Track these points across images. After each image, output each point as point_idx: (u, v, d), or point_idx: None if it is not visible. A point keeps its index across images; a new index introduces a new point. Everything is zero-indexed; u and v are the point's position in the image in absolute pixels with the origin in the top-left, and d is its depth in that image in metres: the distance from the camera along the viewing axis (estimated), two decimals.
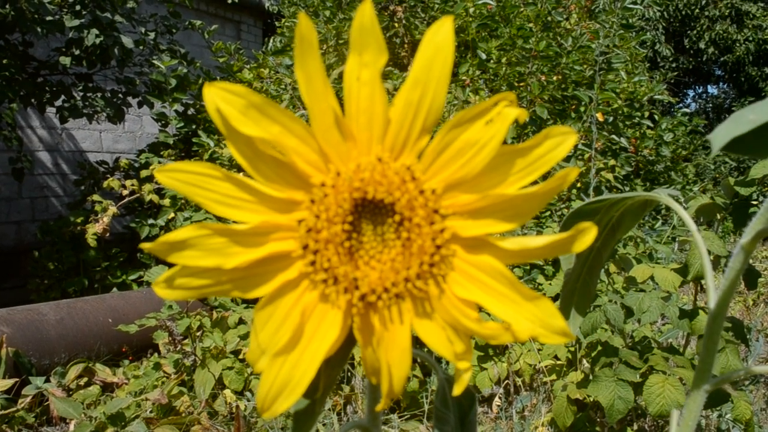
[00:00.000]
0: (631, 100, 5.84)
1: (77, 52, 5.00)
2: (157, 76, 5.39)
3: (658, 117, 6.83)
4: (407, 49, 5.62)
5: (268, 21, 9.73)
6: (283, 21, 6.67)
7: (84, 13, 4.79)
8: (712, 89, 21.05)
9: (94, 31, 4.73)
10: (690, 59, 18.21)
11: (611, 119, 5.44)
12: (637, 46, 6.66)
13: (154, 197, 5.00)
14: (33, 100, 5.11)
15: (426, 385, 3.45)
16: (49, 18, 4.53)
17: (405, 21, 5.56)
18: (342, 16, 5.53)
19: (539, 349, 3.54)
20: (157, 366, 3.66)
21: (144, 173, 5.13)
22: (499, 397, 3.39)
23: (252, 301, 4.25)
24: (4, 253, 6.23)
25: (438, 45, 0.48)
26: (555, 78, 5.09)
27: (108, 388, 3.64)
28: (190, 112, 5.93)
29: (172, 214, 4.98)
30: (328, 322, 0.53)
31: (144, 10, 6.07)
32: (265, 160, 0.51)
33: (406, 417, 3.34)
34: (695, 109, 20.42)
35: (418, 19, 5.67)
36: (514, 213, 0.51)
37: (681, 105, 18.09)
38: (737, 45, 17.03)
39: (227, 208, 0.51)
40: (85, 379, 3.62)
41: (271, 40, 6.56)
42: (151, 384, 3.48)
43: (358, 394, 3.41)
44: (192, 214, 4.90)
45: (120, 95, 5.41)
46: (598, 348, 2.95)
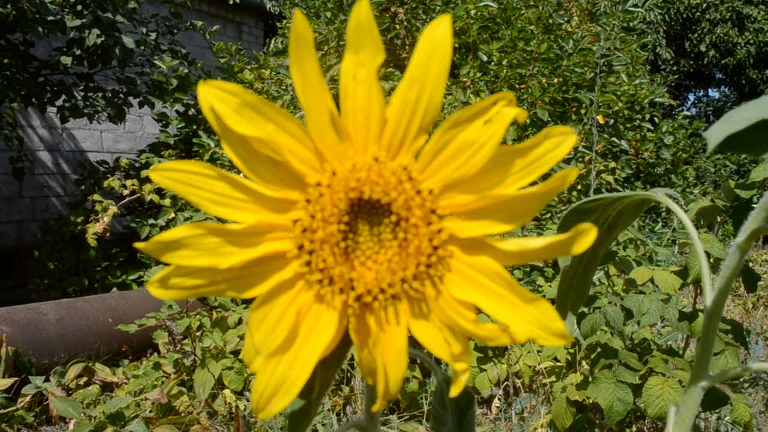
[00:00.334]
0: (632, 103, 5.83)
1: (78, 52, 5.01)
2: (158, 77, 5.39)
3: (658, 120, 6.83)
4: (408, 50, 5.61)
5: (270, 22, 9.74)
6: (284, 22, 6.68)
7: (85, 13, 4.79)
8: (712, 92, 21.06)
9: (96, 31, 4.74)
10: (691, 62, 18.21)
11: (612, 122, 5.44)
12: (638, 49, 6.65)
13: (155, 197, 5.00)
14: (34, 100, 5.11)
15: (425, 386, 3.45)
16: (51, 18, 4.53)
17: (406, 23, 5.55)
18: (343, 17, 5.53)
19: (539, 351, 3.54)
20: (157, 366, 3.66)
21: (144, 173, 5.13)
22: (499, 399, 3.39)
23: (252, 302, 4.24)
24: (5, 252, 6.24)
25: (435, 42, 0.48)
26: (556, 80, 5.08)
27: (107, 387, 3.64)
28: (191, 112, 5.93)
29: (173, 215, 4.98)
30: (323, 322, 0.52)
31: (145, 11, 6.07)
32: (260, 159, 0.51)
33: (405, 418, 3.34)
34: (696, 112, 20.42)
35: (419, 21, 5.66)
36: (513, 214, 0.50)
37: (682, 108, 18.12)
38: (738, 48, 17.03)
39: (222, 207, 0.51)
40: (85, 378, 3.62)
41: (272, 41, 6.57)
42: (151, 384, 3.48)
43: (357, 395, 3.40)
44: (192, 214, 4.90)
45: (121, 95, 5.42)
46: (598, 350, 2.94)
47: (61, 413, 3.20)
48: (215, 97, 0.48)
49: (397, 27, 5.55)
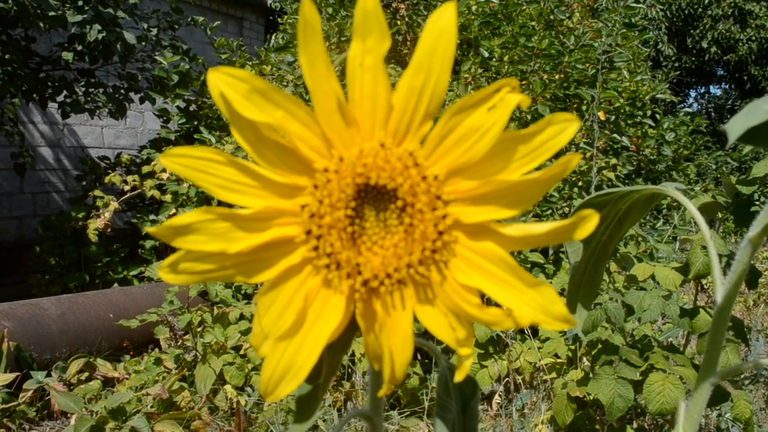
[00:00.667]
0: (633, 99, 5.82)
1: (79, 48, 5.01)
2: (159, 72, 5.40)
3: (660, 116, 6.81)
4: (409, 46, 5.61)
5: (271, 18, 9.74)
6: (285, 18, 6.67)
7: (86, 8, 4.79)
8: (714, 89, 21.05)
9: (97, 26, 4.74)
10: (692, 59, 18.18)
11: (613, 118, 5.43)
12: (640, 45, 6.65)
13: (156, 193, 5.00)
14: (35, 96, 5.12)
15: (426, 383, 3.45)
16: (52, 13, 4.53)
17: (408, 18, 5.56)
18: (344, 13, 5.52)
19: (540, 347, 3.54)
20: (158, 361, 3.67)
21: (145, 169, 5.13)
22: (499, 395, 3.39)
23: (255, 295, 4.25)
24: (6, 248, 6.25)
25: (441, 29, 0.48)
26: (557, 76, 5.08)
27: (109, 382, 3.65)
28: (192, 108, 5.94)
29: (174, 210, 4.98)
30: (330, 307, 0.53)
31: (146, 6, 6.08)
32: (268, 145, 0.51)
33: (406, 414, 3.35)
34: (697, 108, 20.40)
35: (420, 16, 5.66)
36: (517, 199, 0.51)
37: (683, 105, 18.08)
38: (740, 45, 17.01)
39: (231, 192, 0.52)
40: (86, 373, 3.63)
41: (273, 37, 6.56)
42: (152, 379, 3.49)
43: (358, 391, 3.41)
44: (194, 210, 4.90)
45: (122, 91, 5.42)
46: (599, 346, 2.95)
47: (63, 408, 3.21)
48: (225, 83, 0.49)
49: (399, 23, 5.55)
